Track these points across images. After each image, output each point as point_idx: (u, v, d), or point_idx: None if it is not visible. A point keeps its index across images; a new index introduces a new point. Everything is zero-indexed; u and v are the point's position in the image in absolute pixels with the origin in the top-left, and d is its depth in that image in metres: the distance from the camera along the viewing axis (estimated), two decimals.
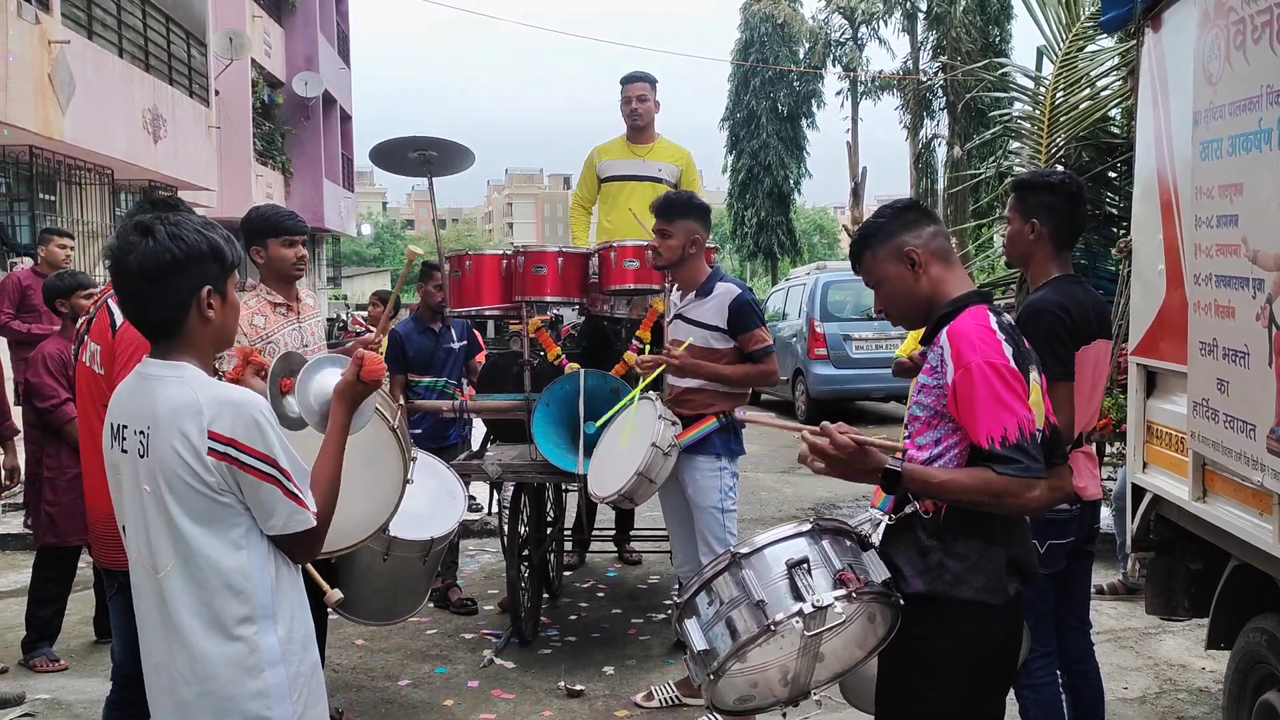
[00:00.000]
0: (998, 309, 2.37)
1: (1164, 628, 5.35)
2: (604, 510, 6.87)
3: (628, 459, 4.30)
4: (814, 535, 2.39)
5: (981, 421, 2.21)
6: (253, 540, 2.13)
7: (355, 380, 2.38)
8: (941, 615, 2.30)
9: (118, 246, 2.14)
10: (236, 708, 2.12)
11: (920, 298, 2.43)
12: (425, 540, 4.09)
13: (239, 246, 2.35)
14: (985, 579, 2.27)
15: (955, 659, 2.30)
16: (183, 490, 2.08)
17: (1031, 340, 3.12)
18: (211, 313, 2.17)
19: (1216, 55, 3.01)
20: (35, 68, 10.25)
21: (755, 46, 31.13)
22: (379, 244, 72.58)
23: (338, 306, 29.41)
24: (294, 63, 23.63)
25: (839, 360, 13.36)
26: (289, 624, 2.18)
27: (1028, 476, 2.18)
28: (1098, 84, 7.55)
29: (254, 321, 3.89)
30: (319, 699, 2.28)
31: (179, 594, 2.11)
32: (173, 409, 2.08)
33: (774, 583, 2.32)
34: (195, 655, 2.11)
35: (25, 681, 4.84)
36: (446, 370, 6.15)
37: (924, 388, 2.35)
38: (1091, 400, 3.29)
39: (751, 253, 33.25)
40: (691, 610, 2.44)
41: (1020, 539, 2.37)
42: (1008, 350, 2.26)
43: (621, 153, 6.08)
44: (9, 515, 7.58)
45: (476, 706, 4.61)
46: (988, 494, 2.21)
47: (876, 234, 2.46)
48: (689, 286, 4.47)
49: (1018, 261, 3.51)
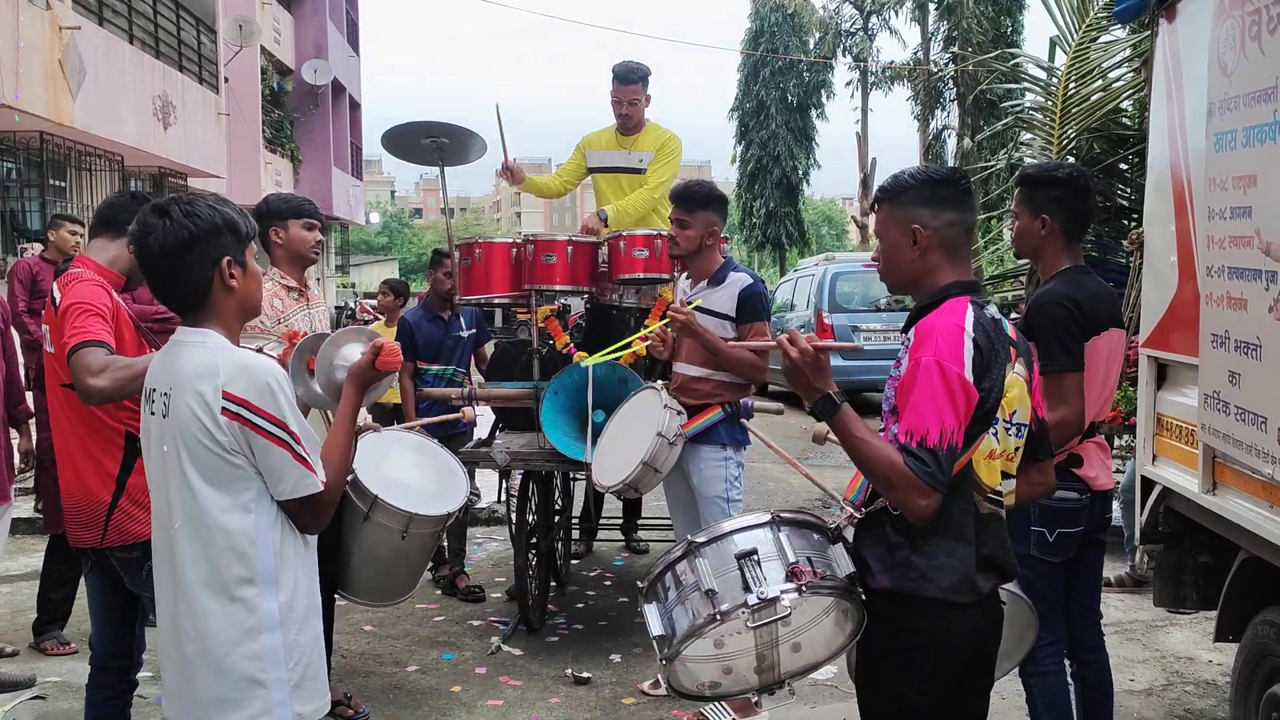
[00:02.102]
0: (981, 302, 2.30)
1: (1172, 620, 5.34)
2: (611, 499, 6.87)
3: (633, 448, 4.30)
4: (773, 526, 2.39)
5: (910, 414, 2.15)
6: (262, 506, 2.23)
7: (370, 366, 2.51)
8: (909, 612, 2.25)
9: (138, 230, 2.27)
10: (233, 667, 2.22)
11: (909, 273, 2.38)
12: (444, 515, 4.18)
13: (252, 220, 2.45)
14: (953, 577, 2.22)
15: (927, 655, 2.26)
16: (197, 449, 2.18)
17: (1038, 333, 3.12)
18: (234, 281, 2.30)
19: (1231, 46, 3.00)
20: (46, 54, 10.26)
21: (765, 36, 31.03)
22: (387, 232, 72.58)
23: (346, 295, 29.40)
24: (303, 50, 23.63)
25: (847, 351, 13.32)
26: (291, 593, 2.27)
27: (926, 481, 2.10)
28: (1110, 75, 7.53)
29: (274, 304, 3.97)
30: (319, 672, 2.36)
31: (186, 552, 2.22)
32: (193, 371, 2.20)
33: (726, 573, 2.33)
34: (197, 612, 2.22)
35: (35, 664, 4.87)
36: (455, 358, 6.16)
37: (891, 380, 2.31)
38: (1104, 390, 3.28)
39: (760, 243, 33.20)
40: (653, 595, 2.47)
41: (995, 537, 2.30)
42: (969, 355, 2.17)
43: (610, 144, 6.04)
44: (20, 499, 7.62)
45: (484, 693, 4.63)
46: (887, 473, 2.14)
47: (899, 195, 2.38)
48: (701, 276, 4.46)
49: (1028, 256, 3.51)
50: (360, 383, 2.52)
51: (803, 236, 33.56)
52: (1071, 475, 3.21)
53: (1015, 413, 2.31)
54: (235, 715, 2.23)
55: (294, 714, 2.28)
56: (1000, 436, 2.29)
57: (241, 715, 2.23)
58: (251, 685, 2.23)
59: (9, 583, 6.26)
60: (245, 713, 2.23)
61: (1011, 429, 2.32)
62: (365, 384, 2.53)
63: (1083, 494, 3.24)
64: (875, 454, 2.17)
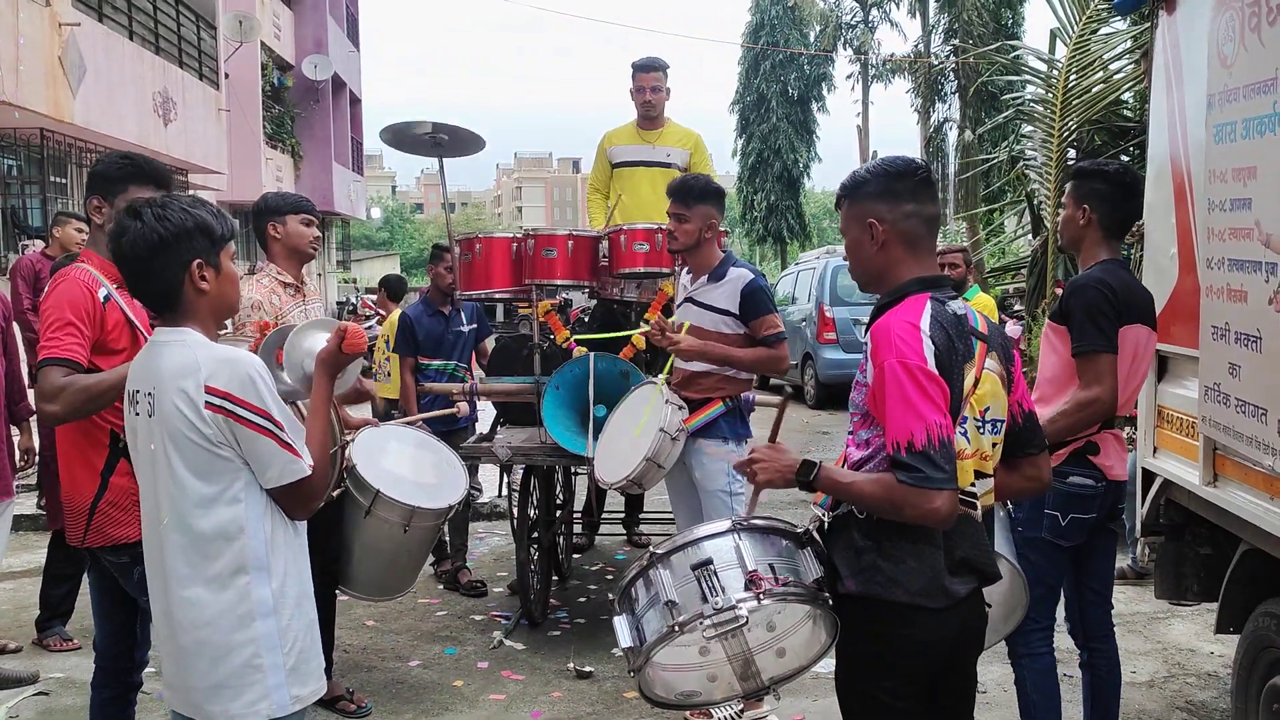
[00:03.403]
0: (942, 298, 2.26)
1: (1173, 612, 5.35)
2: (613, 493, 6.88)
3: (635, 444, 4.30)
4: (734, 534, 2.37)
5: (889, 425, 2.12)
6: (251, 495, 2.28)
7: (337, 350, 2.55)
8: (879, 617, 2.23)
9: (115, 230, 2.34)
10: (229, 655, 2.26)
11: (872, 269, 2.37)
12: (445, 508, 4.20)
13: (230, 221, 2.47)
14: (921, 581, 2.19)
15: (899, 659, 2.24)
16: (184, 444, 2.23)
17: (1074, 315, 3.15)
18: (205, 284, 2.34)
19: (1231, 38, 2.99)
20: (46, 50, 10.26)
21: (766, 29, 31.01)
22: (388, 228, 72.60)
23: (347, 290, 29.43)
24: (303, 46, 23.61)
25: (848, 345, 13.35)
26: (283, 579, 2.32)
27: (927, 487, 2.06)
28: (1111, 67, 7.52)
29: (271, 300, 4.00)
30: (313, 656, 2.40)
31: (177, 545, 2.27)
32: (174, 368, 2.25)
33: (685, 583, 2.32)
34: (192, 603, 2.26)
35: (39, 660, 4.88)
36: (456, 353, 6.16)
37: (857, 384, 2.29)
38: (1129, 385, 3.26)
39: (761, 237, 33.19)
40: (624, 605, 2.47)
41: (970, 538, 2.26)
42: (929, 349, 2.13)
43: (631, 139, 6.09)
44: (22, 496, 7.63)
45: (486, 687, 4.64)
46: (888, 502, 2.12)
47: (856, 190, 2.38)
48: (701, 270, 4.44)
49: (1069, 245, 3.55)
50: (329, 369, 2.56)
51: (804, 230, 33.55)
52: (1088, 462, 3.25)
53: (988, 409, 2.27)
54: (235, 702, 2.27)
55: (291, 697, 2.32)
56: (971, 435, 2.24)
57: (241, 701, 2.27)
58: (249, 671, 2.27)
59: (11, 579, 6.27)
60: (245, 699, 2.27)
61: (985, 426, 2.27)
62: (335, 369, 2.57)
63: (1098, 481, 3.26)
64: (868, 489, 2.17)
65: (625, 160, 6.09)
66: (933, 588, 2.20)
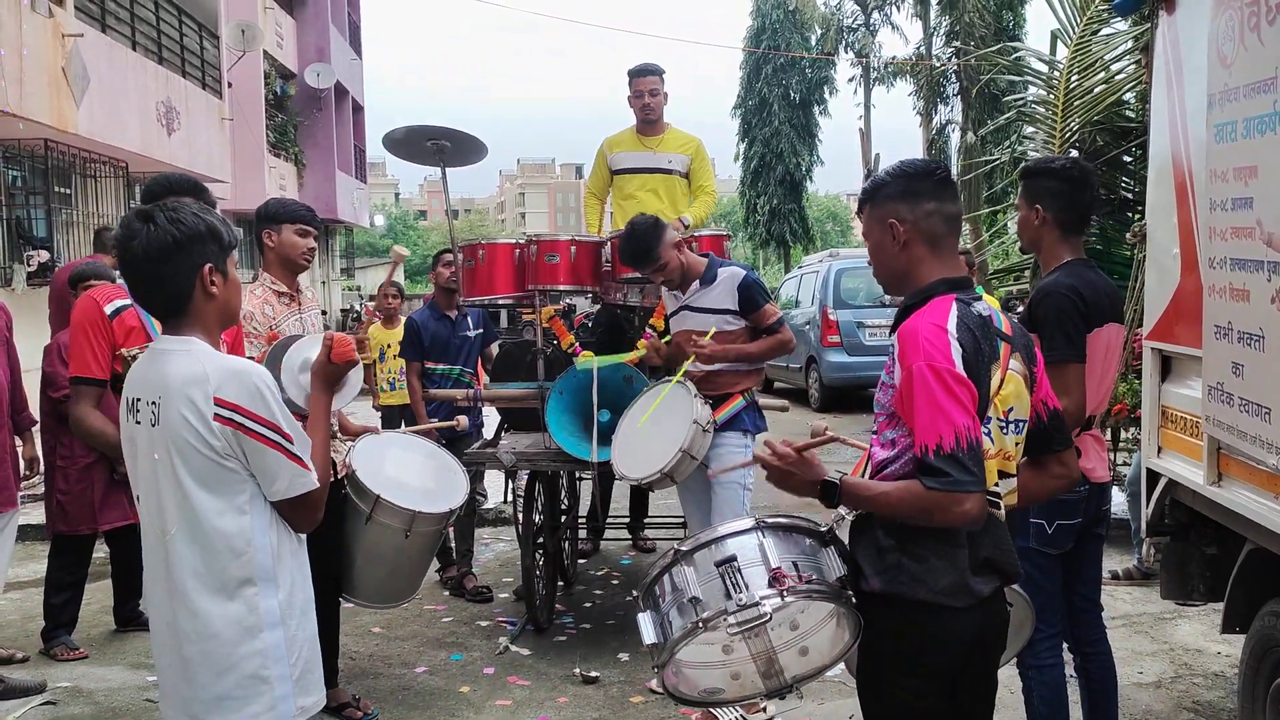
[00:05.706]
0: (968, 299, 2.28)
1: (1179, 613, 5.34)
2: (618, 498, 6.89)
3: (666, 439, 4.35)
4: (758, 532, 2.38)
5: (918, 428, 2.13)
6: (256, 507, 2.27)
7: (326, 361, 2.57)
8: (903, 615, 2.24)
9: (122, 234, 2.30)
10: (235, 666, 2.25)
11: (896, 270, 2.39)
12: (446, 512, 4.22)
13: (234, 229, 2.48)
14: (946, 580, 2.19)
15: (923, 659, 2.25)
16: (191, 455, 2.21)
17: (1042, 323, 3.13)
18: (215, 289, 2.31)
19: (1231, 37, 2.99)
20: (49, 61, 10.29)
21: (767, 33, 31.02)
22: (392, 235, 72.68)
23: (351, 297, 29.43)
24: (306, 54, 23.64)
25: (852, 347, 13.35)
26: (289, 590, 2.32)
27: (955, 491, 2.08)
28: (1112, 68, 7.51)
29: (264, 310, 3.99)
30: (315, 666, 2.40)
31: (184, 556, 2.25)
32: (182, 379, 2.21)
33: (709, 580, 2.34)
34: (197, 614, 2.24)
35: (46, 670, 4.89)
36: (462, 358, 6.16)
37: (883, 385, 2.30)
38: (1102, 384, 3.29)
39: (764, 240, 33.19)
40: (648, 602, 2.48)
41: (994, 538, 2.26)
42: (956, 352, 2.15)
43: (632, 145, 6.11)
44: (28, 506, 7.64)
45: (492, 693, 4.64)
46: (917, 509, 2.14)
47: (877, 192, 2.39)
48: (690, 279, 4.56)
49: (1029, 247, 3.53)
50: (324, 380, 2.56)
51: (807, 233, 33.53)
52: None
53: (1012, 409, 2.29)
54: (240, 713, 2.26)
55: (296, 707, 2.32)
56: (995, 435, 2.26)
57: (246, 713, 2.26)
58: (255, 683, 2.26)
59: (18, 589, 6.28)
60: (250, 710, 2.26)
61: (1008, 427, 2.29)
62: (329, 380, 2.57)
63: (1081, 487, 3.25)
64: (897, 499, 2.17)
65: (626, 167, 6.11)
66: (956, 587, 2.21)
